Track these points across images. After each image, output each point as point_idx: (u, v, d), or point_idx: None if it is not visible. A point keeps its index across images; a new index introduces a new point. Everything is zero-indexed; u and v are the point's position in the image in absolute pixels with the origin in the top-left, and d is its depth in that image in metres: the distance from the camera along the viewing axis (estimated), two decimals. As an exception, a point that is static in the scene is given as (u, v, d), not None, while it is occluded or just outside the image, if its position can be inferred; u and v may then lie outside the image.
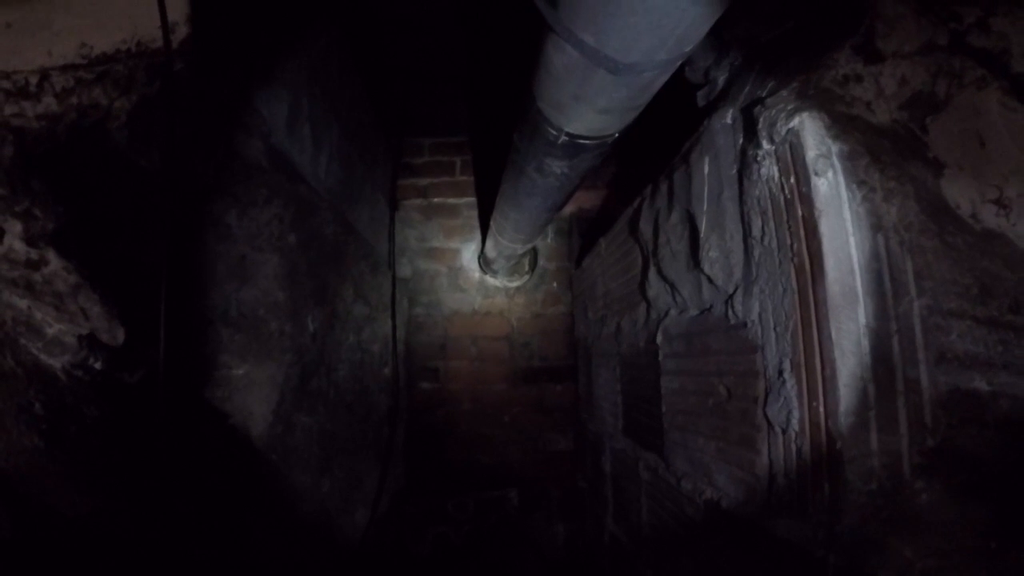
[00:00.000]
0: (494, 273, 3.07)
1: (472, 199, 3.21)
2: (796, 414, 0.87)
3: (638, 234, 1.54)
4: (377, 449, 2.59)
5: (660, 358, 1.43)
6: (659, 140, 1.67)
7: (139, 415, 1.28)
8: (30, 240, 1.06)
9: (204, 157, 1.35)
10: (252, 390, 1.47)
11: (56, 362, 1.16)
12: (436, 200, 3.22)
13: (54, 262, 1.04)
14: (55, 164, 1.07)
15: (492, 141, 3.14)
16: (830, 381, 0.79)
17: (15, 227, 1.07)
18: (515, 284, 3.13)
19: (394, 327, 2.91)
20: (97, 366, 1.20)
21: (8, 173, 0.99)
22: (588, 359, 2.54)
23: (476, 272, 3.15)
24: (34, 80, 1.18)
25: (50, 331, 1.15)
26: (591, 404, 2.49)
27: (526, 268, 3.12)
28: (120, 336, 1.10)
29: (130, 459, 1.20)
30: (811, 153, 0.80)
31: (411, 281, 3.16)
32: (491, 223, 2.39)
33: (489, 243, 2.67)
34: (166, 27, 1.05)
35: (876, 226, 0.79)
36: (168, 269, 1.10)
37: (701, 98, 1.19)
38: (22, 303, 1.13)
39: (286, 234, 1.54)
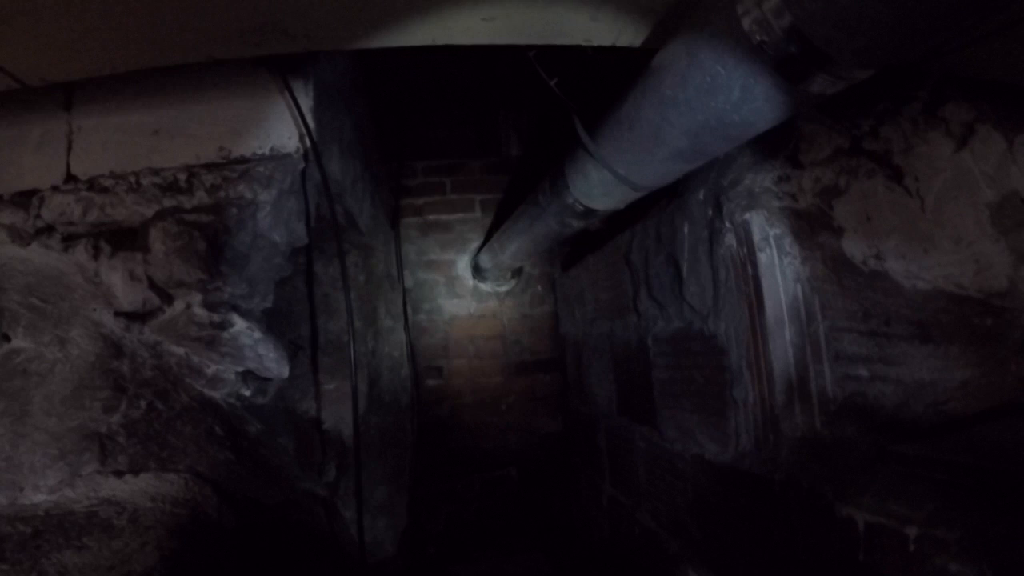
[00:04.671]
0: (484, 280, 3.52)
1: (462, 215, 3.63)
2: (751, 395, 1.38)
3: (630, 261, 2.03)
4: (403, 439, 3.04)
5: (651, 356, 1.94)
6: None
7: (272, 428, 1.69)
8: (210, 307, 1.45)
9: (305, 224, 1.76)
10: (343, 401, 1.91)
11: (217, 394, 1.53)
12: (431, 217, 3.62)
13: (239, 323, 1.44)
14: (228, 247, 1.47)
15: (480, 166, 3.62)
16: (769, 374, 1.30)
17: (196, 298, 1.45)
18: (504, 288, 3.59)
19: (407, 332, 3.34)
20: (247, 394, 1.59)
21: (205, 261, 1.39)
22: (578, 353, 3.04)
23: (470, 280, 3.58)
24: (183, 177, 1.55)
25: (209, 371, 1.51)
26: (582, 391, 3.00)
27: (509, 275, 3.58)
28: (286, 371, 1.51)
29: (283, 461, 1.61)
30: (757, 237, 1.31)
31: (413, 290, 3.57)
32: (493, 242, 2.84)
33: (486, 256, 3.11)
34: (315, 146, 1.47)
35: (796, 279, 1.30)
36: (313, 318, 1.52)
37: (678, 176, 1.68)
38: (179, 350, 1.50)
39: (358, 275, 1.97)
